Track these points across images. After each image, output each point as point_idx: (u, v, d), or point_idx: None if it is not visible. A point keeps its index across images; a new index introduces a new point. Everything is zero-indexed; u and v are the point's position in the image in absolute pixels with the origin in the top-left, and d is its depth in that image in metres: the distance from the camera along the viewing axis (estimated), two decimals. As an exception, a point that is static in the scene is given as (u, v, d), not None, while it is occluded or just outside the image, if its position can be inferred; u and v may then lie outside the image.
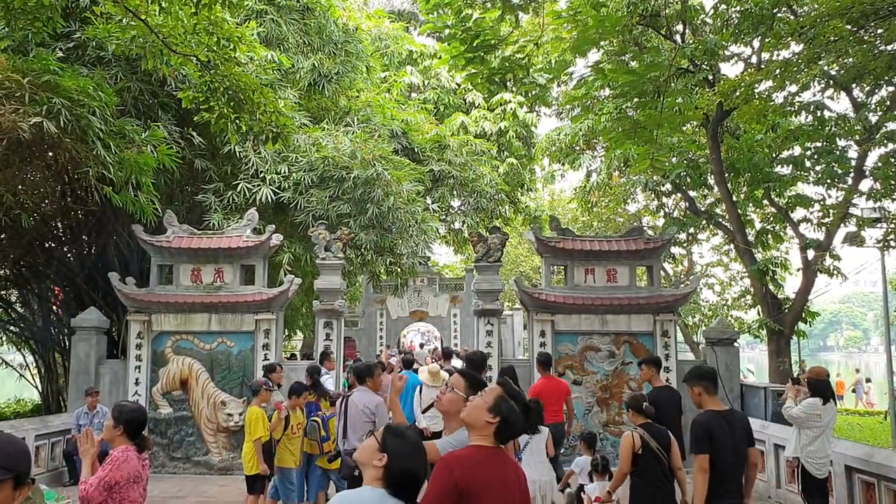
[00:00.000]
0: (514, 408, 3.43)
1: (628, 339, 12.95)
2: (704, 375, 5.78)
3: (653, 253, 13.12)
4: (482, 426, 3.39)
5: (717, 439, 5.39)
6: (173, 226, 12.93)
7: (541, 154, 21.55)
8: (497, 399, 3.43)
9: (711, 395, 5.66)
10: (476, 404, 3.48)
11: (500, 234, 13.05)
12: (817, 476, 7.78)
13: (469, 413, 3.48)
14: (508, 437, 3.46)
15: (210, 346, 12.79)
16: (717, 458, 5.36)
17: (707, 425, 5.44)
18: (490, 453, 3.36)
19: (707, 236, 28.99)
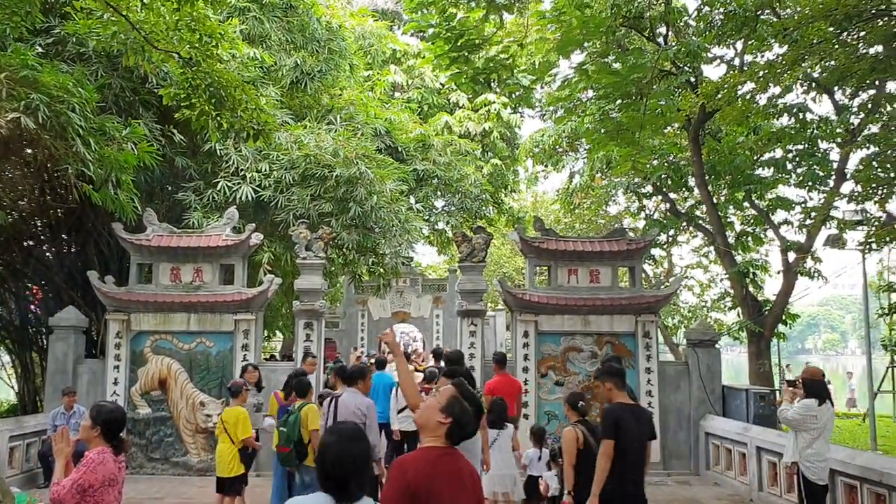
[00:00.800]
0: (466, 409, 3.43)
1: (610, 340, 12.94)
2: (614, 372, 6.17)
3: (635, 254, 13.12)
4: (434, 427, 3.41)
5: (625, 429, 5.76)
6: (153, 224, 12.79)
7: (524, 155, 21.53)
8: (450, 400, 3.43)
9: (620, 390, 6.03)
10: (429, 405, 3.49)
11: (484, 235, 13.00)
12: (816, 482, 7.66)
13: (422, 414, 3.48)
14: (461, 438, 3.44)
15: (189, 346, 12.64)
16: (626, 446, 5.76)
17: (617, 415, 5.81)
18: (442, 454, 3.36)
19: (687, 238, 29.11)
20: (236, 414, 8.74)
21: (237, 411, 8.77)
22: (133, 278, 12.71)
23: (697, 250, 29.94)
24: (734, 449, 11.59)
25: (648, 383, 12.77)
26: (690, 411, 12.82)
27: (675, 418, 12.85)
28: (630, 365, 12.86)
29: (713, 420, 12.51)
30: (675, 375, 12.97)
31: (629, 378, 12.71)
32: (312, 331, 12.61)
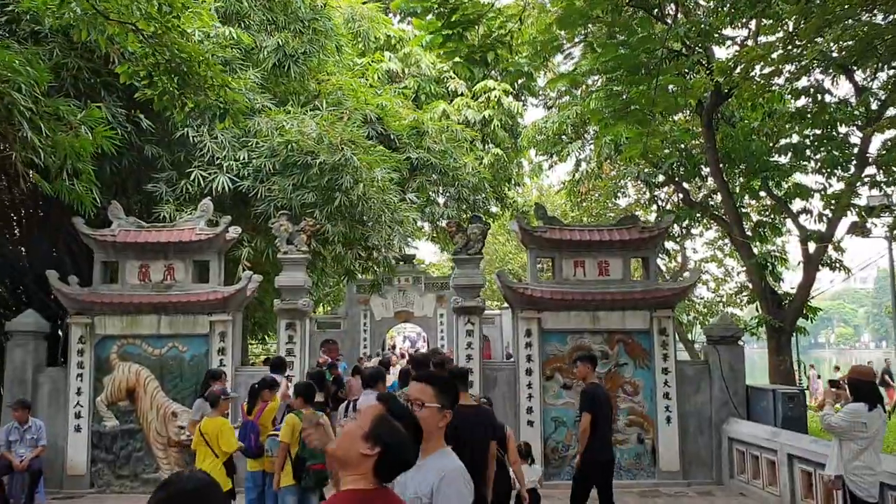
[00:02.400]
0: (399, 432, 2.46)
1: (623, 338, 11.78)
2: (590, 358, 8.38)
3: (648, 243, 11.96)
4: (357, 461, 2.41)
5: (599, 405, 7.87)
6: (119, 218, 11.70)
7: (526, 143, 20.32)
8: (376, 422, 2.44)
9: (592, 371, 8.17)
10: (348, 432, 2.46)
11: (480, 224, 11.86)
12: (866, 499, 6.51)
13: (339, 445, 2.46)
14: (394, 472, 2.53)
15: (160, 351, 11.54)
16: (601, 418, 7.85)
17: (594, 392, 7.93)
18: (369, 498, 2.39)
19: (701, 230, 28.00)
20: (218, 425, 7.71)
21: (218, 422, 7.75)
22: (97, 278, 11.61)
23: (712, 243, 28.80)
24: (762, 456, 10.41)
25: (665, 385, 11.60)
26: (712, 414, 11.65)
27: (695, 422, 11.69)
28: (645, 365, 11.72)
29: (737, 424, 11.34)
30: (694, 376, 11.80)
31: (644, 379, 11.65)
32: (295, 332, 11.50)
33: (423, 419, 3.10)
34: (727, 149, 17.81)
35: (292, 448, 7.50)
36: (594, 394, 7.87)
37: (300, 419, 7.42)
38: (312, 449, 7.13)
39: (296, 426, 7.42)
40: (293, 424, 7.45)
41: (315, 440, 3.56)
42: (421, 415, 3.17)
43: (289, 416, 7.58)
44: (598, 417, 7.75)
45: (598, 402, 7.79)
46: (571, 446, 11.60)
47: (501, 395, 11.69)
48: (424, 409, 3.21)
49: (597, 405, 7.75)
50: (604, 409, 7.86)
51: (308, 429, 4.02)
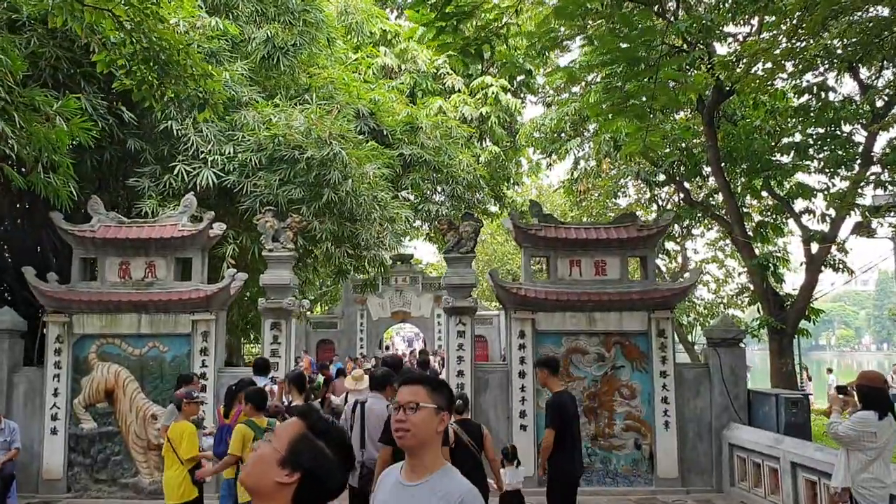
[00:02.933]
0: (323, 454, 2.01)
1: (620, 340, 11.38)
2: (548, 362, 7.44)
3: (647, 242, 11.55)
4: (271, 491, 1.96)
5: (567, 420, 7.07)
6: (99, 213, 11.29)
7: (523, 140, 19.92)
8: (294, 444, 1.99)
9: (554, 377, 7.26)
10: (260, 455, 2.00)
11: (473, 222, 11.45)
12: None
13: (250, 472, 1.99)
14: (319, 502, 2.05)
15: (140, 351, 11.14)
16: (567, 434, 7.04)
17: (559, 404, 7.07)
18: None
19: (702, 231, 27.62)
20: (180, 430, 7.30)
21: (182, 426, 7.34)
22: (76, 275, 11.21)
23: (713, 244, 28.42)
24: (764, 463, 10.00)
25: (664, 388, 11.19)
26: (712, 419, 11.24)
27: (694, 427, 11.28)
28: (643, 368, 11.32)
29: (738, 430, 10.93)
30: (694, 379, 11.39)
31: (642, 382, 11.25)
32: (281, 332, 11.09)
33: (418, 424, 2.74)
34: (729, 147, 17.46)
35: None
36: (560, 406, 7.08)
37: (252, 429, 7.01)
38: None
39: (247, 437, 6.95)
40: (244, 435, 6.96)
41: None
42: (415, 419, 2.77)
43: (239, 427, 7.12)
44: (563, 433, 7.03)
45: (565, 415, 7.06)
46: (566, 452, 11.19)
47: (494, 399, 11.30)
48: (420, 410, 2.79)
49: (564, 420, 7.03)
50: (572, 425, 7.13)
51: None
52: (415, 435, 2.75)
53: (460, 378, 11.16)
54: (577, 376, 11.34)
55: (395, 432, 2.79)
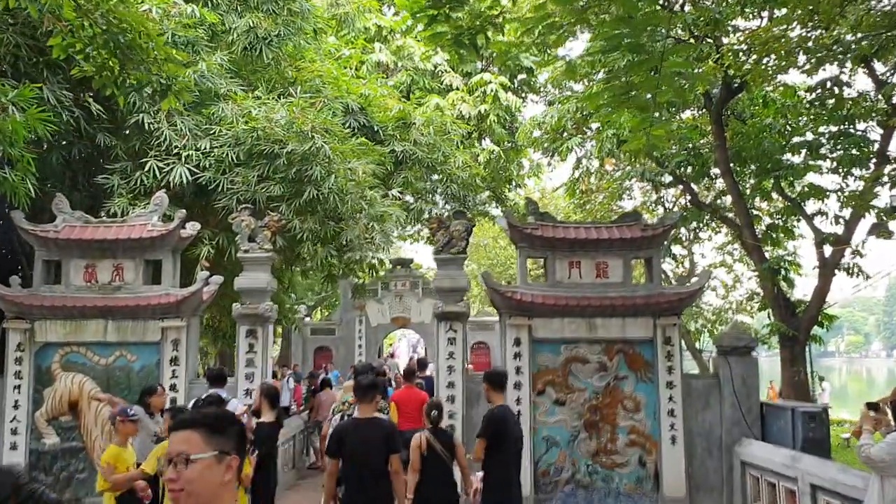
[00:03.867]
0: None
1: (623, 348, 10.56)
2: (492, 376, 6.97)
3: (652, 242, 10.73)
4: None
5: (502, 434, 6.56)
6: (63, 213, 10.54)
7: (523, 139, 19.13)
8: None
9: (497, 392, 6.85)
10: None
11: (464, 221, 10.67)
12: None
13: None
14: None
15: (107, 360, 10.37)
16: (502, 451, 6.54)
17: (494, 417, 6.62)
18: None
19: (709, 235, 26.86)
20: (107, 454, 6.49)
21: (110, 451, 6.53)
22: (38, 278, 10.45)
23: (721, 247, 27.65)
24: (779, 484, 9.14)
25: (670, 400, 10.36)
26: (722, 434, 10.41)
27: (703, 443, 10.45)
28: (648, 378, 10.49)
29: (751, 445, 10.09)
30: (702, 390, 10.56)
31: (647, 394, 10.43)
32: (256, 339, 10.30)
33: (194, 480, 2.09)
34: (738, 147, 16.78)
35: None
36: (498, 418, 6.58)
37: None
38: None
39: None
40: (161, 455, 6.25)
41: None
42: (189, 475, 2.09)
43: (159, 446, 6.36)
44: (499, 450, 6.50)
45: (501, 428, 6.53)
46: (565, 468, 10.39)
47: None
48: (193, 465, 2.11)
49: (499, 433, 6.50)
50: (508, 441, 6.55)
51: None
52: (191, 495, 2.08)
53: (451, 389, 10.36)
54: (577, 387, 10.52)
55: (169, 494, 2.13)
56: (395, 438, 6.10)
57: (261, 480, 7.42)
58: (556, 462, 10.41)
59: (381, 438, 5.95)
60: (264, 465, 7.42)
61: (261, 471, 7.40)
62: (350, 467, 5.94)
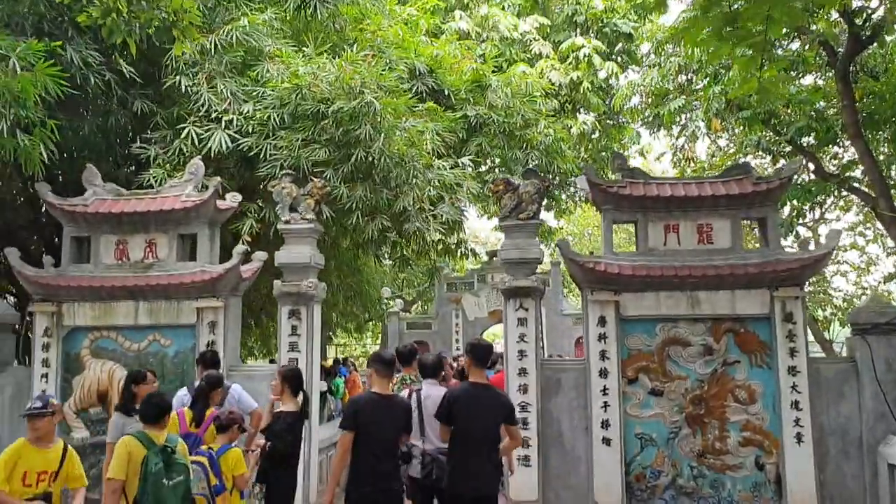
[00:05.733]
0: None
1: (732, 327, 8.71)
2: (476, 349, 5.96)
3: (767, 198, 8.82)
4: None
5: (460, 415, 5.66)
6: (94, 185, 9.60)
7: (619, 105, 17.26)
8: None
9: (476, 366, 5.89)
10: None
11: (535, 181, 9.06)
12: None
13: None
14: None
15: (139, 345, 9.32)
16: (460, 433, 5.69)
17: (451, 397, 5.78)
18: None
19: (838, 214, 24.17)
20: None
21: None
22: (66, 257, 9.53)
23: (852, 228, 24.84)
24: (942, 494, 7.15)
25: (794, 390, 8.43)
26: (862, 431, 8.39)
27: (836, 442, 8.47)
28: (764, 363, 8.62)
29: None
30: (835, 378, 8.57)
31: (764, 382, 8.55)
32: (300, 321, 9.03)
33: None
34: (869, 109, 14.56)
35: (128, 490, 5.02)
36: (447, 399, 5.79)
37: (145, 444, 4.96)
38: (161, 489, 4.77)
39: (133, 454, 4.94)
40: (129, 451, 4.99)
41: None
42: None
43: (125, 440, 5.10)
44: (455, 432, 5.71)
45: (452, 410, 5.69)
46: (664, 472, 8.64)
47: (567, 404, 8.84)
48: None
49: (450, 415, 5.68)
50: (468, 422, 5.65)
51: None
52: None
53: (523, 378, 8.78)
54: (677, 375, 8.74)
55: None
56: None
57: (274, 483, 6.10)
58: (652, 464, 8.66)
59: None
60: (280, 464, 6.10)
61: (275, 471, 6.09)
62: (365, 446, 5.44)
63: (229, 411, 5.96)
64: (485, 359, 5.94)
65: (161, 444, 5.07)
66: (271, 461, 6.06)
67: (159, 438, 5.12)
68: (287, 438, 6.12)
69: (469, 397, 5.70)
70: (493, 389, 6.00)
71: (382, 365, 5.71)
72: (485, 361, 5.95)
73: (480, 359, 5.88)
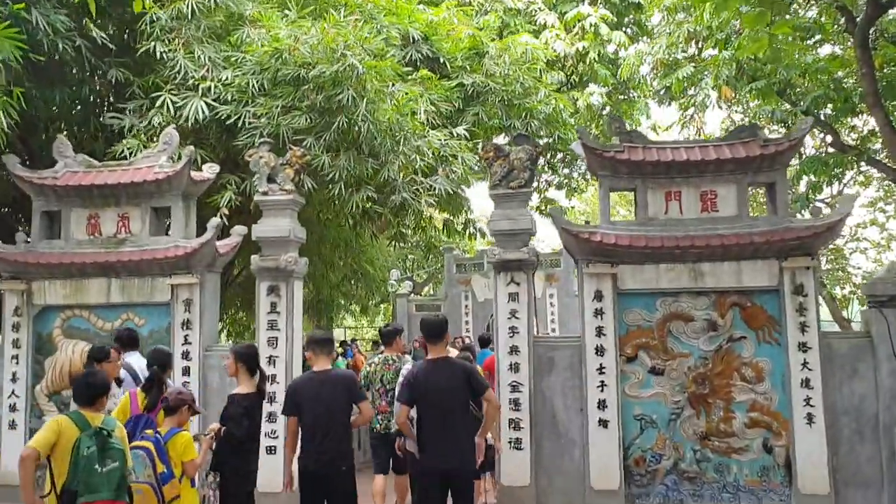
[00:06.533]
0: None
1: (738, 301, 8.14)
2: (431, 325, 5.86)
3: (775, 161, 8.20)
4: None
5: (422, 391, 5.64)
6: (66, 157, 9.14)
7: (627, 74, 16.58)
8: None
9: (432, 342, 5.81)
10: None
11: (528, 147, 8.48)
12: None
13: None
14: None
15: (113, 324, 8.87)
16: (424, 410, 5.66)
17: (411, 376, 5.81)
18: None
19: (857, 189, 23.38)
20: None
21: None
22: (36, 232, 9.09)
23: (872, 204, 24.08)
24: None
25: (805, 367, 7.86)
26: (879, 411, 7.80)
27: (851, 423, 7.89)
28: (773, 339, 8.06)
29: (921, 427, 7.48)
30: (849, 354, 7.98)
31: (772, 359, 7.99)
32: (280, 298, 8.54)
33: None
34: (889, 77, 13.84)
35: (57, 475, 4.57)
36: (411, 377, 5.81)
37: (79, 426, 4.51)
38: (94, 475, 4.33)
39: (65, 435, 4.52)
40: (60, 431, 4.56)
41: None
42: None
43: (57, 417, 4.71)
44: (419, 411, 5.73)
45: (416, 385, 5.67)
46: (665, 455, 8.11)
47: (561, 384, 8.31)
48: None
49: (414, 391, 5.66)
50: (429, 396, 5.62)
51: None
52: None
53: (514, 356, 8.25)
54: (679, 352, 8.19)
55: None
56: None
57: (230, 471, 5.62)
58: (652, 447, 8.13)
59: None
60: (237, 451, 5.62)
61: (231, 458, 5.61)
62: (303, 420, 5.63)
63: (178, 391, 5.46)
64: (439, 334, 5.81)
65: (96, 427, 4.62)
66: (227, 447, 5.58)
67: (95, 420, 4.67)
68: (243, 422, 5.63)
69: (427, 373, 5.67)
70: (450, 360, 5.91)
71: (315, 344, 5.80)
72: (439, 336, 5.81)
73: (434, 335, 5.80)
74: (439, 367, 5.69)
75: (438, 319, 5.99)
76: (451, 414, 5.56)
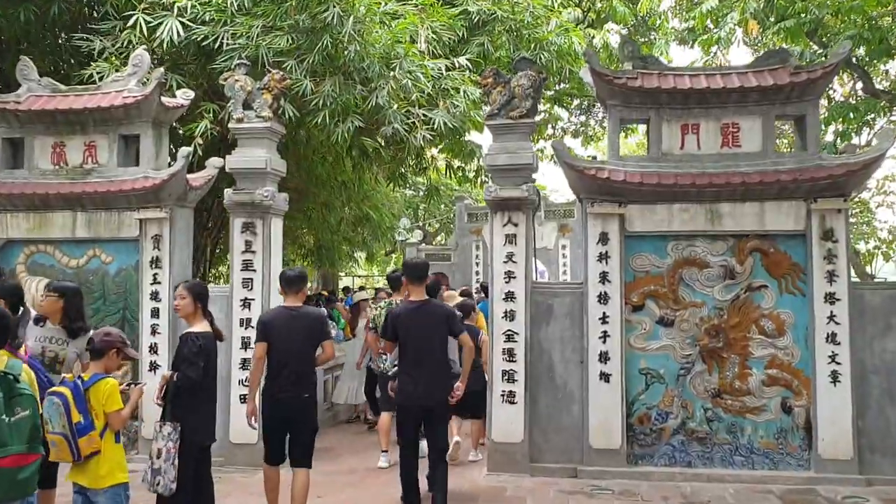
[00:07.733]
0: None
1: (760, 246, 7.37)
2: (414, 267, 6.15)
3: (806, 91, 7.33)
4: None
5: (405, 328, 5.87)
6: (30, 80, 8.41)
7: (646, 9, 15.55)
8: None
9: (414, 284, 6.01)
10: None
11: (530, 73, 7.64)
12: None
13: None
14: None
15: (78, 261, 8.25)
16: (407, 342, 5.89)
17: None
18: None
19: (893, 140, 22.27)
20: None
21: None
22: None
23: (903, 154, 22.98)
24: None
25: (831, 321, 7.10)
26: (911, 371, 7.09)
27: (881, 383, 7.17)
28: (797, 289, 7.31)
29: (959, 389, 6.73)
30: (882, 307, 7.21)
31: (795, 311, 7.21)
32: (255, 236, 7.84)
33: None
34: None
35: None
36: (394, 316, 6.04)
37: None
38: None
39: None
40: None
41: None
42: None
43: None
44: (400, 346, 5.99)
45: (398, 324, 5.93)
46: (672, 413, 7.43)
47: (559, 333, 7.59)
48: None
49: (396, 329, 5.94)
50: (409, 335, 5.88)
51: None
52: None
53: (510, 303, 7.53)
54: (691, 302, 7.45)
55: None
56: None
57: (187, 421, 4.96)
58: (659, 404, 7.44)
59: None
60: (193, 397, 4.97)
61: (187, 405, 4.96)
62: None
63: (105, 332, 4.76)
64: (421, 276, 6.03)
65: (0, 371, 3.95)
66: (183, 393, 4.93)
67: None
68: (198, 364, 4.96)
69: (409, 312, 5.91)
70: (432, 303, 6.15)
71: (285, 283, 5.90)
72: (421, 279, 6.02)
73: (416, 277, 6.03)
74: (422, 308, 5.92)
75: (421, 262, 6.30)
76: (432, 354, 5.83)
